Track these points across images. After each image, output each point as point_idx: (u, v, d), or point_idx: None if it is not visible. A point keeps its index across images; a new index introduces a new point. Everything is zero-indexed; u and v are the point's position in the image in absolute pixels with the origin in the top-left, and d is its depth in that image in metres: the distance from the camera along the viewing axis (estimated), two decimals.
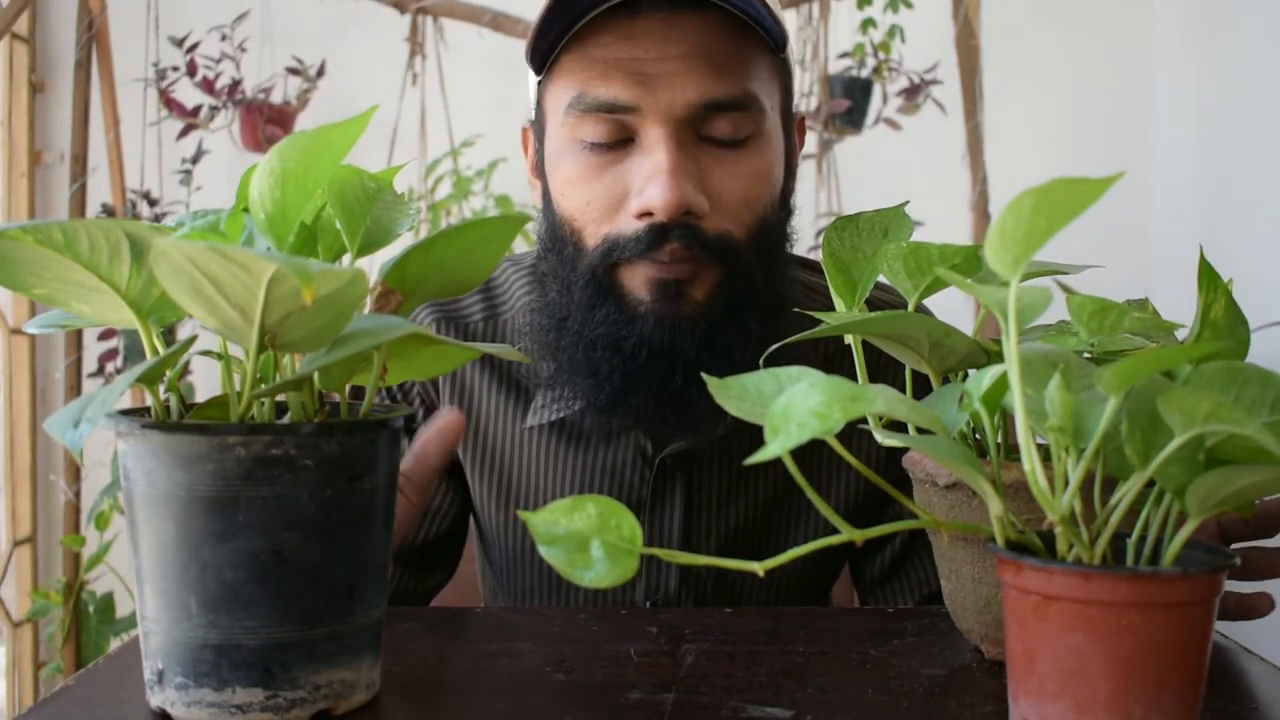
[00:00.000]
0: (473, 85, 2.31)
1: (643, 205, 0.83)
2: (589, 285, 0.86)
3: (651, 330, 0.85)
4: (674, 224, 0.83)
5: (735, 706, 0.59)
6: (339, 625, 0.56)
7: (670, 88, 0.83)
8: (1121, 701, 0.47)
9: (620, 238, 0.85)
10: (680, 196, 0.82)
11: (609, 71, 0.84)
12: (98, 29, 2.12)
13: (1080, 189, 0.43)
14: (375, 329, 0.53)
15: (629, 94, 0.83)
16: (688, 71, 0.83)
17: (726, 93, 0.84)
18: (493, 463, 0.98)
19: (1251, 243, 1.97)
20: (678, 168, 0.82)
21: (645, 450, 0.95)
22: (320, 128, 0.55)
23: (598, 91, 0.84)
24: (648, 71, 0.83)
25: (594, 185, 0.86)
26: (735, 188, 0.85)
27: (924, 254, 0.66)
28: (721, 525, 0.96)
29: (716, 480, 0.96)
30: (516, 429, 0.97)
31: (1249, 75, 2.02)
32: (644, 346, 0.85)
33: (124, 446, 0.55)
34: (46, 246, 0.52)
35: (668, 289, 0.85)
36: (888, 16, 2.14)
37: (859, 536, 0.51)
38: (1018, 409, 0.48)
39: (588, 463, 0.96)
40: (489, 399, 0.98)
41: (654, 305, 0.85)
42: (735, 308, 0.86)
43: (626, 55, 0.83)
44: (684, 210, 0.83)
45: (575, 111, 0.85)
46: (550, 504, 0.51)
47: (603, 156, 0.86)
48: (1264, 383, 0.51)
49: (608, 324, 0.86)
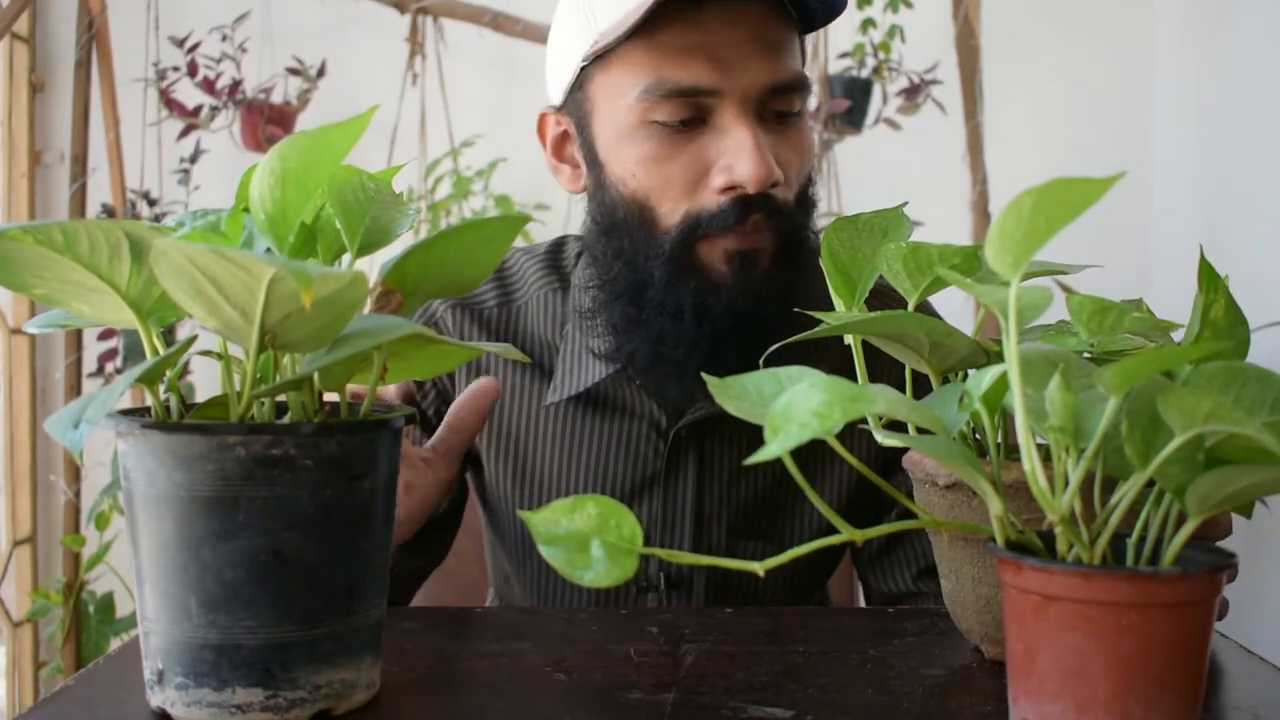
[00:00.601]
0: (473, 85, 2.31)
1: (732, 179, 0.88)
2: (669, 260, 0.91)
3: (735, 298, 0.90)
4: (757, 196, 0.88)
5: (735, 706, 0.59)
6: (339, 625, 0.56)
7: (745, 70, 0.89)
8: (1121, 701, 0.47)
9: (704, 213, 0.90)
10: (769, 170, 0.88)
11: (684, 57, 0.89)
12: (98, 29, 2.12)
13: (1080, 189, 0.43)
14: (375, 329, 0.53)
15: (710, 78, 0.88)
16: (756, 55, 0.89)
17: (788, 76, 0.91)
18: (509, 441, 1.00)
19: (1251, 243, 1.97)
20: (760, 142, 0.88)
21: (660, 424, 0.97)
22: (320, 128, 0.55)
23: (678, 76, 0.88)
24: (722, 57, 0.88)
25: (673, 164, 0.90)
26: (794, 160, 0.92)
27: (923, 254, 0.66)
28: (733, 499, 0.98)
29: (728, 453, 0.98)
30: (533, 407, 1.00)
31: (1249, 75, 2.02)
32: (729, 313, 0.90)
33: (124, 446, 0.55)
34: (46, 247, 0.52)
35: (745, 259, 0.90)
36: (888, 16, 2.14)
37: (859, 536, 0.51)
38: (1018, 409, 0.48)
39: (603, 438, 0.98)
40: (505, 379, 1.01)
41: (734, 275, 0.90)
42: (794, 271, 0.93)
43: (699, 41, 0.88)
44: (771, 183, 0.88)
45: (653, 97, 0.89)
46: (551, 504, 0.51)
47: (679, 136, 0.90)
48: (1264, 383, 0.51)
49: (694, 294, 0.90)
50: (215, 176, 2.20)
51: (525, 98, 2.32)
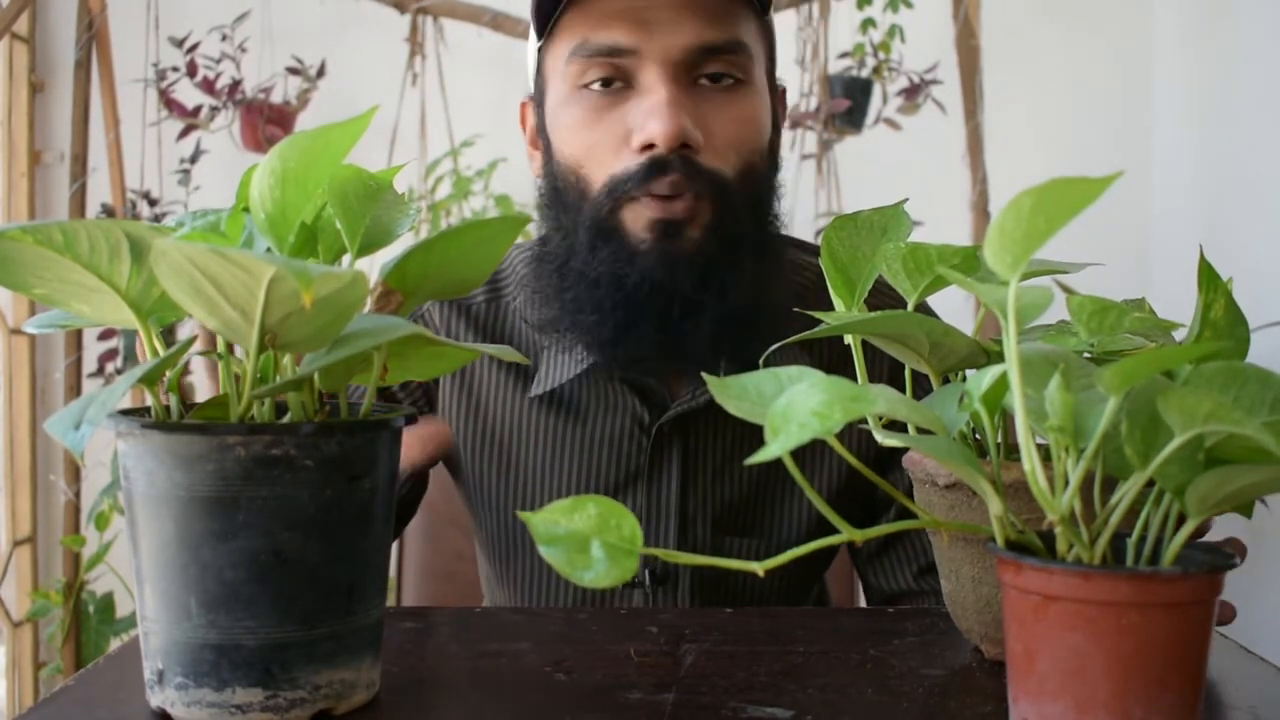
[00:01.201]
0: (473, 85, 2.31)
1: (644, 138, 0.88)
2: (592, 226, 0.91)
3: (652, 266, 0.89)
4: (672, 156, 0.87)
5: (735, 706, 0.59)
6: (339, 625, 0.56)
7: (667, 32, 0.88)
8: (1121, 701, 0.47)
9: (624, 173, 0.89)
10: (678, 126, 0.87)
11: (608, 19, 0.89)
12: (98, 29, 2.12)
13: (1080, 188, 0.43)
14: (375, 329, 0.53)
15: (628, 38, 0.88)
16: (683, 17, 0.89)
17: (720, 37, 0.90)
18: (493, 438, 1.00)
19: (1251, 242, 1.97)
20: (675, 101, 0.88)
21: (643, 419, 0.97)
22: (321, 128, 0.55)
23: (598, 37, 0.89)
24: (646, 18, 0.89)
25: (597, 129, 0.91)
26: (726, 128, 0.90)
27: (923, 254, 0.66)
28: (717, 494, 0.98)
29: (712, 448, 0.98)
30: (516, 403, 0.99)
31: (1249, 75, 2.02)
32: (645, 282, 0.89)
33: (124, 446, 0.55)
34: (46, 247, 0.52)
35: (668, 228, 0.89)
36: (888, 16, 2.14)
37: (859, 537, 0.51)
38: (1018, 409, 0.48)
39: (587, 434, 0.98)
40: (490, 375, 1.00)
41: (655, 243, 0.89)
42: (728, 246, 0.91)
43: (625, 5, 0.89)
44: (681, 140, 0.87)
45: (578, 59, 0.90)
46: (551, 504, 0.51)
47: (603, 100, 0.90)
48: (1264, 383, 0.51)
49: (611, 261, 0.90)
50: (215, 177, 2.20)
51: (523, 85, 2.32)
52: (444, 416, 1.02)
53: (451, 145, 2.26)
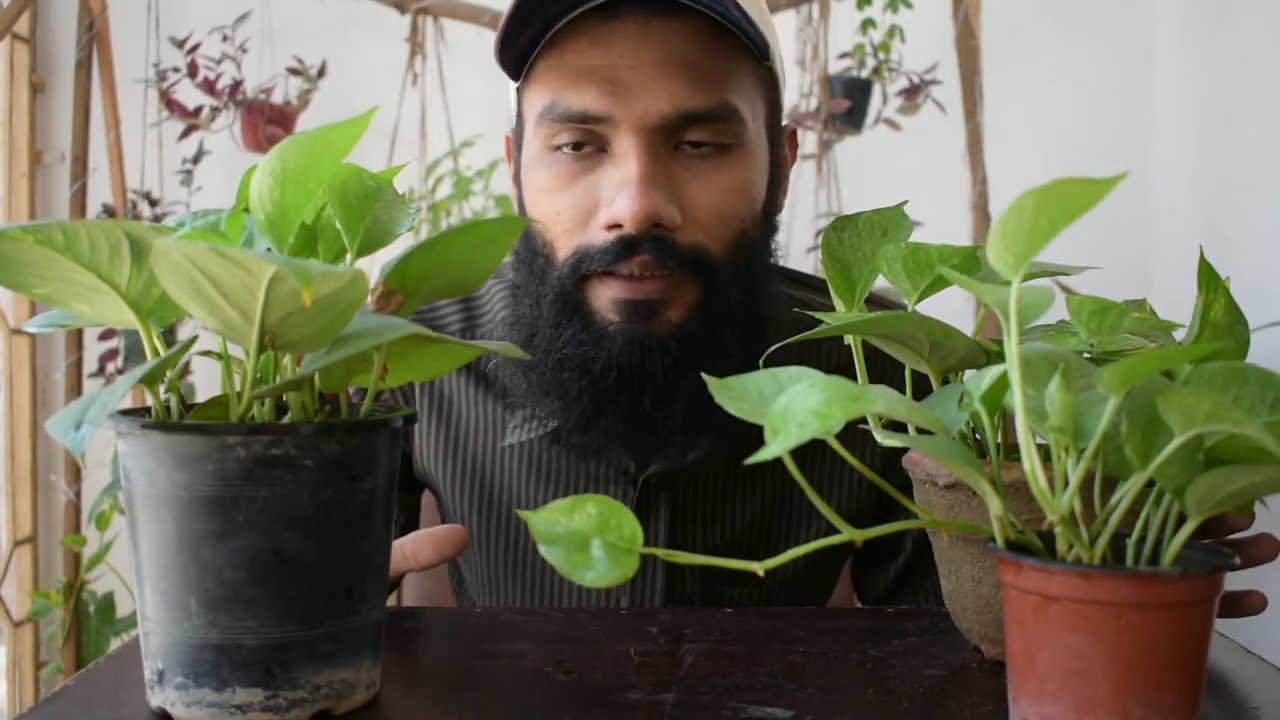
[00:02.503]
0: (473, 85, 2.31)
1: (611, 217, 0.81)
2: (557, 300, 0.85)
3: (620, 351, 0.83)
4: (644, 236, 0.81)
5: (735, 706, 0.59)
6: (339, 625, 0.56)
7: (644, 97, 0.81)
8: (1121, 701, 0.47)
9: (590, 249, 0.83)
10: (648, 207, 0.80)
11: (581, 80, 0.82)
12: (98, 29, 2.12)
13: (1083, 189, 0.43)
14: (375, 329, 0.53)
15: (601, 104, 0.81)
16: (662, 79, 0.81)
17: (703, 104, 0.82)
18: (473, 476, 0.96)
19: (1251, 242, 1.97)
20: (647, 178, 0.80)
21: (629, 469, 0.93)
22: (321, 128, 0.55)
23: (569, 101, 0.82)
24: (621, 80, 0.81)
25: (565, 195, 0.84)
26: (710, 200, 0.83)
27: (923, 254, 0.66)
28: (707, 545, 0.94)
29: (701, 499, 0.94)
30: (498, 441, 0.95)
31: (1249, 75, 2.02)
32: (612, 368, 0.83)
33: (124, 446, 0.55)
34: (47, 247, 0.52)
35: (638, 309, 0.83)
36: (888, 16, 2.14)
37: (858, 536, 0.51)
38: (1018, 409, 0.48)
39: (570, 479, 0.94)
40: (471, 410, 0.96)
41: (623, 325, 0.83)
42: (711, 327, 0.84)
43: (600, 63, 0.81)
44: (653, 222, 0.81)
45: (547, 120, 0.83)
46: (551, 504, 0.51)
47: (574, 165, 0.84)
48: (1264, 383, 0.51)
49: (575, 344, 0.84)
50: (215, 177, 2.20)
51: None
52: (422, 451, 0.98)
53: (451, 145, 2.26)
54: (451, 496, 0.98)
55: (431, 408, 0.97)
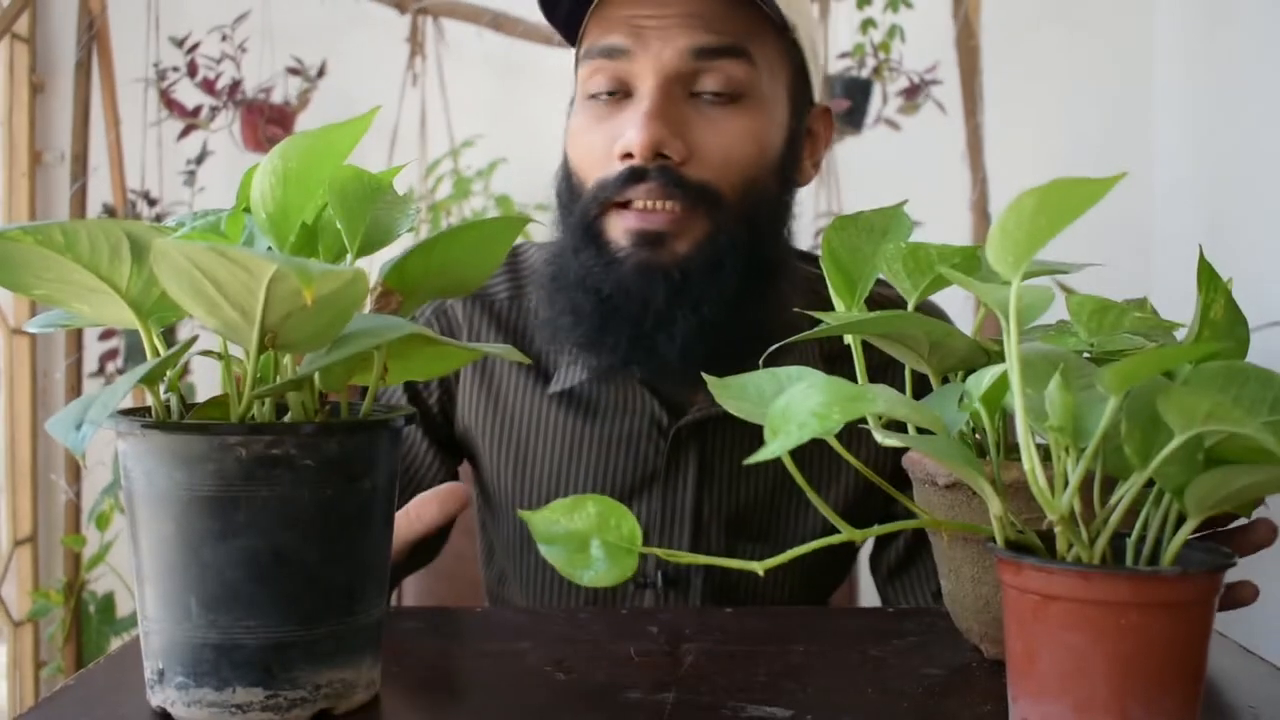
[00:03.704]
0: (473, 85, 2.31)
1: (622, 146, 0.88)
2: (579, 227, 0.91)
3: (627, 275, 0.89)
4: (651, 166, 0.87)
5: (735, 706, 0.59)
6: (339, 625, 0.56)
7: (662, 37, 0.89)
8: (1121, 701, 0.47)
9: (607, 179, 0.90)
10: (652, 136, 0.87)
11: (612, 25, 0.90)
12: (98, 29, 2.12)
13: (1083, 189, 0.43)
14: (375, 329, 0.53)
15: (625, 40, 0.89)
16: (681, 25, 0.89)
17: (716, 40, 0.89)
18: (511, 432, 1.00)
19: (1252, 242, 1.97)
20: (656, 112, 0.87)
21: (661, 421, 0.97)
22: (322, 128, 0.55)
23: (599, 40, 0.91)
24: (645, 25, 0.89)
25: (593, 134, 0.92)
26: (719, 141, 0.89)
27: (923, 254, 0.66)
28: (731, 500, 0.98)
29: (729, 454, 0.98)
30: (536, 399, 0.99)
31: (1249, 75, 2.02)
32: (619, 291, 0.90)
33: (124, 446, 0.55)
34: (47, 247, 0.52)
35: (647, 238, 0.89)
36: (888, 16, 2.14)
37: (859, 536, 0.51)
38: (1018, 409, 0.48)
39: (604, 433, 0.98)
40: (511, 369, 1.01)
41: (632, 251, 0.89)
42: (715, 262, 0.90)
43: (629, 12, 0.90)
44: (656, 150, 0.87)
45: (584, 62, 0.92)
46: (551, 504, 0.51)
47: (604, 109, 0.91)
48: (1264, 382, 0.51)
49: (590, 267, 0.91)
50: (215, 177, 2.20)
51: (525, 98, 2.33)
52: (464, 409, 1.02)
53: (451, 145, 2.26)
54: (490, 455, 1.01)
55: (476, 366, 1.02)
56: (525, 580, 1.02)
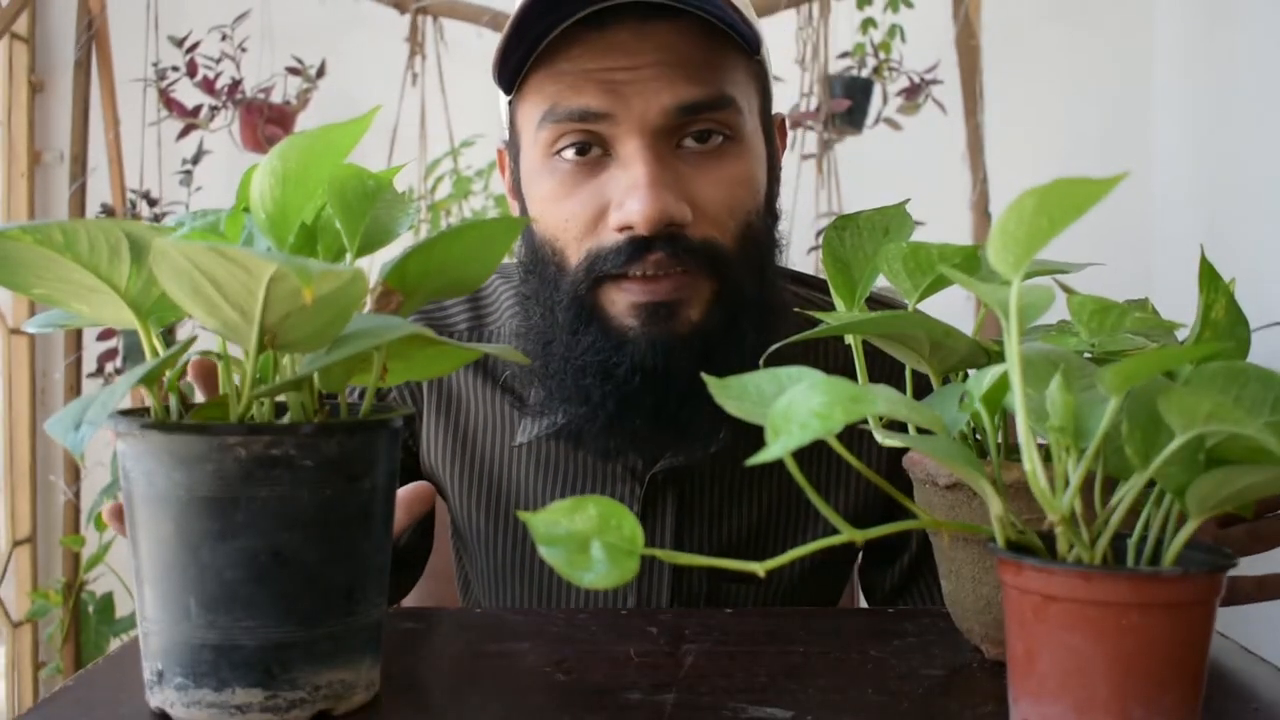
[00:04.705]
0: (473, 85, 2.30)
1: (623, 219, 0.82)
2: (572, 306, 0.85)
3: (644, 354, 0.83)
4: (656, 236, 0.81)
5: (735, 706, 0.59)
6: (339, 626, 0.56)
7: (643, 94, 0.81)
8: (1121, 702, 0.47)
9: (602, 250, 0.83)
10: (660, 208, 0.80)
11: (579, 82, 0.82)
12: (97, 29, 2.12)
13: (1083, 189, 0.43)
14: (375, 329, 0.53)
15: (600, 102, 0.82)
16: (660, 77, 0.82)
17: (702, 94, 0.82)
18: (481, 475, 0.96)
19: (1252, 242, 1.97)
20: (656, 179, 0.81)
21: (635, 467, 0.93)
22: (321, 128, 0.55)
23: (568, 102, 0.82)
24: (619, 80, 0.82)
25: (571, 201, 0.84)
26: (717, 194, 0.84)
27: (924, 254, 0.66)
28: (713, 542, 0.95)
29: (708, 497, 0.95)
30: (507, 440, 0.96)
31: (1249, 75, 2.02)
32: (636, 372, 0.83)
33: (123, 447, 0.55)
34: (46, 247, 0.52)
35: (657, 311, 0.83)
36: (888, 16, 2.14)
37: (859, 537, 0.51)
38: (1018, 409, 0.48)
39: (578, 477, 0.94)
40: (479, 407, 0.96)
41: (644, 328, 0.83)
42: (730, 320, 0.85)
43: (596, 66, 0.82)
44: (666, 223, 0.81)
45: (548, 125, 0.84)
46: (551, 504, 0.51)
47: (578, 171, 0.84)
48: (1265, 383, 0.51)
49: (594, 350, 0.84)
50: (215, 176, 2.20)
51: None
52: (429, 449, 0.98)
53: (451, 145, 2.26)
54: (458, 495, 0.98)
55: (440, 406, 0.97)
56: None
